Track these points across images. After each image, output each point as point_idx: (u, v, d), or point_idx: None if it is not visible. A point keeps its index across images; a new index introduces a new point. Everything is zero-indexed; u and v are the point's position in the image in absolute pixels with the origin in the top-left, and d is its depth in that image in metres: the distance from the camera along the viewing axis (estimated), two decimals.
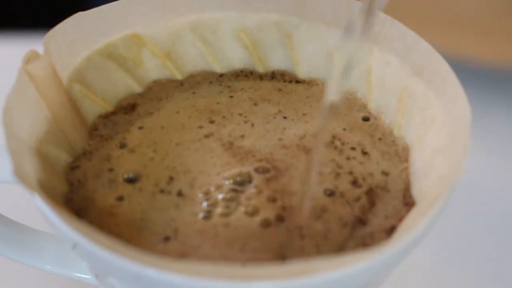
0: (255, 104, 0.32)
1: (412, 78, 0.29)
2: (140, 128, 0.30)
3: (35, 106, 0.27)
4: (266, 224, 0.26)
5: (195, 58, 0.33)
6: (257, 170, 0.28)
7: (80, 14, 0.30)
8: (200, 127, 0.30)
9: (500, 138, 0.45)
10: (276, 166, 0.29)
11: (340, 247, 0.26)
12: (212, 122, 0.31)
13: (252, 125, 0.31)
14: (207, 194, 0.27)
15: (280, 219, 0.27)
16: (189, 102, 0.32)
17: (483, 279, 0.37)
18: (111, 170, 0.28)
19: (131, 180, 0.28)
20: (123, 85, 0.32)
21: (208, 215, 0.27)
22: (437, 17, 0.50)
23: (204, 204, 0.27)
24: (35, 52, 0.28)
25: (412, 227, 0.23)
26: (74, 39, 0.30)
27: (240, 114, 0.31)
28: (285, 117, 0.31)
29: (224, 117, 0.31)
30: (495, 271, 0.37)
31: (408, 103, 0.30)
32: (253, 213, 0.27)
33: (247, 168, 0.28)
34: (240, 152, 0.29)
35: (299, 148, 0.29)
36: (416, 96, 0.29)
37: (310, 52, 0.33)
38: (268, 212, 0.27)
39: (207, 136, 0.30)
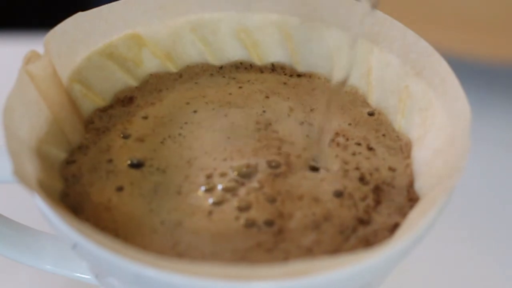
0: (267, 97, 0.31)
1: (412, 78, 0.29)
2: (145, 118, 0.30)
3: (35, 106, 0.27)
4: (250, 224, 0.26)
5: (195, 58, 0.33)
6: (269, 163, 0.28)
7: (80, 14, 0.30)
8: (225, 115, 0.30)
9: (500, 138, 0.45)
10: (290, 162, 0.28)
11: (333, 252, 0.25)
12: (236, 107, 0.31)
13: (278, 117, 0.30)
14: (209, 178, 0.27)
15: (269, 223, 0.26)
16: (196, 93, 0.32)
17: (483, 279, 0.37)
18: (110, 161, 0.28)
19: (135, 166, 0.28)
20: (123, 85, 0.32)
21: (198, 201, 0.26)
22: (437, 17, 0.50)
23: (202, 188, 0.27)
24: (35, 52, 0.28)
25: (412, 227, 0.23)
26: (74, 39, 0.30)
27: (262, 106, 0.31)
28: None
29: (244, 107, 0.31)
30: (494, 271, 0.37)
31: (408, 103, 0.30)
32: (243, 208, 0.26)
33: (259, 159, 0.28)
34: (273, 137, 0.29)
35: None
36: (416, 96, 0.29)
37: (310, 52, 0.33)
38: (259, 213, 0.26)
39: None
